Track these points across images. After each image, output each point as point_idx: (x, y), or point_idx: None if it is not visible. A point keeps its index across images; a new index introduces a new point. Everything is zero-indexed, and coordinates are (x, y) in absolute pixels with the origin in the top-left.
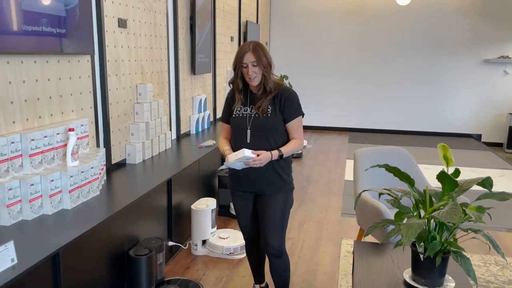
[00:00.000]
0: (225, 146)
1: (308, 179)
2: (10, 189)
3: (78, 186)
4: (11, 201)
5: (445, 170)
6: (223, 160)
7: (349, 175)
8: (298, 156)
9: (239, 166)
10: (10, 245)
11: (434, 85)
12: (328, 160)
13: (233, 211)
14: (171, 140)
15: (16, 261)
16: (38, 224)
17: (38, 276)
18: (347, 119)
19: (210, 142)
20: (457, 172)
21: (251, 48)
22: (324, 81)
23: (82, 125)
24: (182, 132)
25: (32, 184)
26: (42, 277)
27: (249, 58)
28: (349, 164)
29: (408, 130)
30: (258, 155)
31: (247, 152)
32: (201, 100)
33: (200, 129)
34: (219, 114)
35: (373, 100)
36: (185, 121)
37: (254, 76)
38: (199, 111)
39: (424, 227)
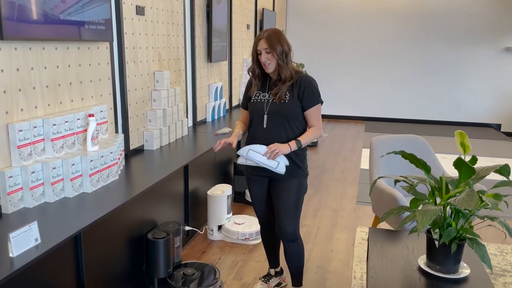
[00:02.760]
0: (237, 129)
1: (324, 167)
2: (33, 172)
3: (98, 170)
4: (34, 183)
5: (462, 157)
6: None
7: (364, 164)
8: (314, 145)
9: (257, 158)
10: (34, 226)
11: (453, 74)
12: (344, 149)
13: (248, 198)
14: (188, 127)
15: (39, 241)
16: (60, 206)
17: (60, 256)
18: (364, 108)
19: (226, 130)
20: (474, 160)
21: (265, 35)
22: (341, 70)
23: (101, 111)
24: (198, 119)
25: (54, 168)
26: (64, 257)
27: (262, 45)
28: (365, 153)
29: (426, 119)
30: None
31: (253, 153)
32: (217, 88)
33: (216, 117)
34: (235, 102)
35: (390, 89)
36: (201, 108)
37: (268, 63)
38: (215, 99)
39: (440, 214)
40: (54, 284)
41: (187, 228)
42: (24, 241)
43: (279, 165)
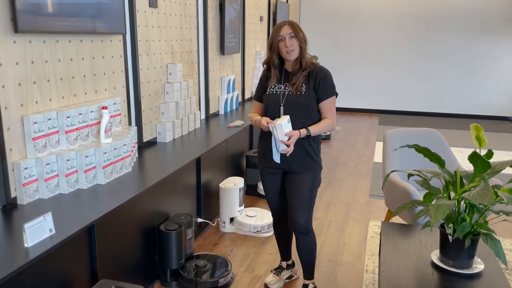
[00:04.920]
0: (256, 117)
1: (337, 160)
2: (48, 164)
3: (111, 162)
4: (48, 175)
5: (478, 151)
6: (251, 138)
7: (378, 157)
8: (327, 138)
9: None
10: (49, 216)
11: (468, 66)
12: (357, 142)
13: (260, 191)
14: (200, 120)
15: (54, 231)
16: (74, 198)
17: (74, 247)
18: (378, 101)
19: (239, 123)
20: (490, 154)
21: (287, 22)
22: (355, 62)
23: (114, 104)
24: (211, 112)
25: (68, 160)
26: (78, 248)
27: (286, 30)
28: (379, 146)
29: (441, 112)
30: (289, 138)
31: (286, 125)
32: (229, 80)
33: (228, 110)
34: (247, 95)
35: (404, 82)
36: (214, 101)
37: (291, 49)
38: (228, 92)
39: (454, 209)
40: (68, 274)
41: (199, 220)
42: (39, 232)
43: (280, 155)
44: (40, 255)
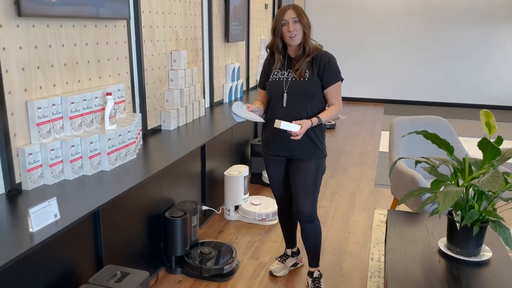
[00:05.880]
0: (256, 104)
1: (341, 150)
2: (52, 150)
3: (116, 149)
4: (53, 161)
5: (487, 137)
6: (255, 127)
7: (383, 147)
8: (331, 127)
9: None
10: (53, 202)
11: (476, 55)
12: (362, 132)
13: (265, 179)
14: (205, 108)
15: (59, 216)
16: (79, 184)
17: (79, 232)
18: (383, 90)
19: None
20: (499, 140)
21: (291, 6)
22: (360, 51)
23: (119, 90)
24: (215, 100)
25: (73, 146)
26: (83, 233)
27: (290, 14)
28: (384, 135)
29: (448, 102)
30: (301, 127)
31: (288, 125)
32: (234, 68)
33: (233, 98)
34: (252, 83)
35: (410, 71)
36: (218, 89)
37: (294, 35)
38: (232, 80)
39: (462, 196)
40: (73, 259)
41: (204, 207)
42: (44, 217)
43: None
44: (45, 240)
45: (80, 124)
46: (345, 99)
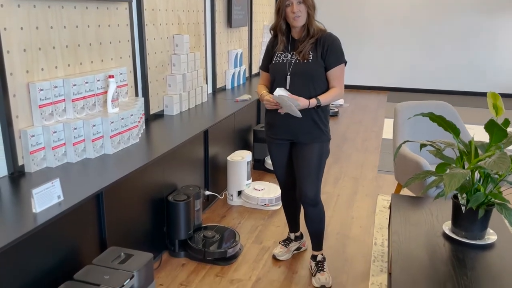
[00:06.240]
0: (262, 90)
1: (344, 136)
2: (55, 132)
3: (119, 132)
4: (56, 143)
5: (494, 119)
6: (258, 113)
7: (386, 134)
8: (334, 114)
9: (283, 109)
10: (56, 183)
11: (480, 42)
12: (365, 119)
13: (267, 165)
14: (207, 93)
15: (62, 198)
16: (82, 167)
17: (82, 214)
18: (386, 78)
19: (246, 97)
20: (506, 122)
21: None
22: (363, 38)
23: (121, 74)
24: (218, 86)
25: (75, 128)
26: (87, 215)
27: None
28: (387, 122)
29: (453, 90)
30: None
31: (284, 91)
32: (237, 54)
33: (235, 84)
34: (255, 69)
35: (413, 59)
36: (221, 75)
37: (299, 16)
38: (235, 66)
39: (468, 178)
40: (77, 240)
41: (207, 193)
42: (47, 198)
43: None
44: (49, 221)
45: (82, 107)
46: (348, 86)
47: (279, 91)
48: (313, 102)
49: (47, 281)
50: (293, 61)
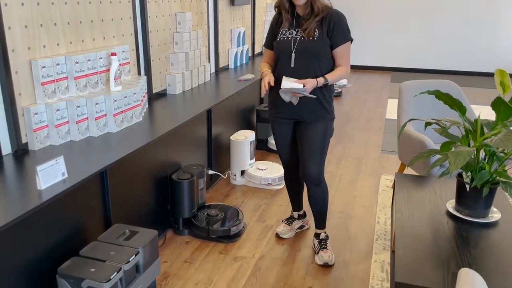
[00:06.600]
0: (265, 68)
1: (348, 117)
2: (58, 110)
3: (122, 111)
4: (59, 121)
5: (502, 96)
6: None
7: (390, 114)
8: (338, 95)
9: (287, 97)
10: (61, 160)
11: (489, 20)
12: (369, 99)
13: (271, 146)
14: (210, 73)
15: (66, 175)
16: (86, 145)
17: (87, 191)
18: (390, 58)
19: (249, 76)
20: None
21: None
22: (367, 18)
23: (123, 52)
24: (220, 66)
25: (78, 106)
26: (91, 192)
27: None
28: (391, 103)
29: (458, 70)
30: (304, 85)
31: (290, 84)
32: (240, 33)
33: (238, 64)
34: (258, 49)
35: (417, 39)
36: (223, 54)
37: None
38: (238, 45)
39: (473, 157)
40: (82, 218)
41: (211, 172)
42: (51, 175)
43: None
44: (53, 198)
45: (85, 85)
46: (351, 67)
47: (286, 84)
48: (320, 81)
49: (53, 257)
50: (298, 38)
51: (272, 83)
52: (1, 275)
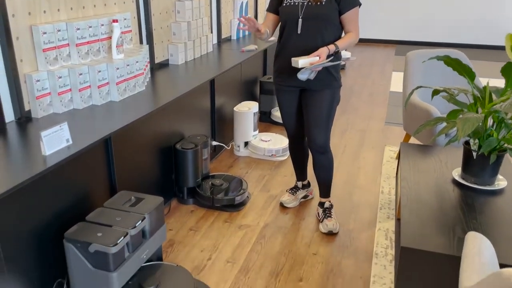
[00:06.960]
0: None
1: (351, 89)
2: (60, 77)
3: (125, 79)
4: (61, 89)
5: None
6: (264, 64)
7: (394, 87)
8: (341, 68)
9: (305, 76)
10: (65, 126)
11: None
12: (373, 73)
13: (274, 118)
14: (212, 43)
15: (71, 142)
16: (89, 112)
17: (91, 158)
18: (395, 31)
19: (252, 47)
20: None
21: None
22: None
23: (125, 19)
24: (223, 36)
25: (81, 74)
26: (95, 160)
27: None
28: (395, 76)
29: (464, 43)
30: (319, 57)
31: (306, 62)
32: (242, 3)
33: (241, 35)
34: (260, 19)
35: (422, 11)
36: (226, 25)
37: None
38: (240, 16)
39: (481, 124)
40: (87, 185)
41: (214, 143)
42: (56, 141)
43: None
44: (58, 163)
45: (87, 52)
46: None
47: (302, 62)
48: (332, 48)
49: (60, 223)
50: (305, 3)
51: (251, 24)
52: (9, 240)
